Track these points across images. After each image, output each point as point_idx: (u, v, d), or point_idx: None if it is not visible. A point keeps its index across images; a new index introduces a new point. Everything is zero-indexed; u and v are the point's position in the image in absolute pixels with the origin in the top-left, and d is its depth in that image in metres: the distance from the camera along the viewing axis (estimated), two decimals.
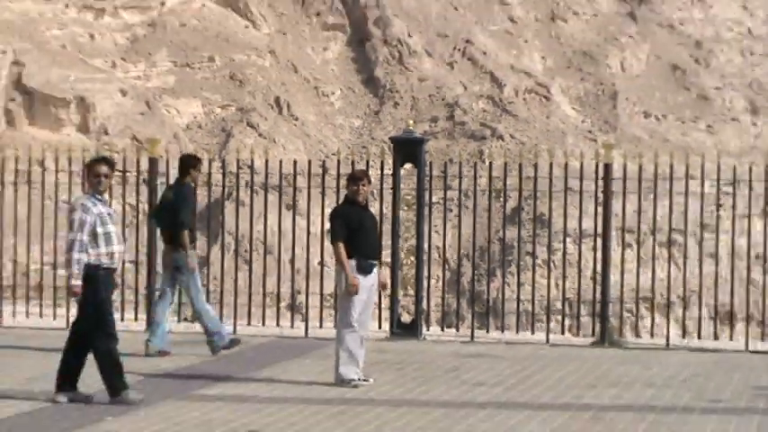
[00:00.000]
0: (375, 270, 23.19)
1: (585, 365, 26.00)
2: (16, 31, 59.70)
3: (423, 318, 30.40)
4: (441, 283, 35.56)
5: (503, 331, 31.05)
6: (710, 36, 65.43)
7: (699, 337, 30.85)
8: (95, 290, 19.61)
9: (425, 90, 56.00)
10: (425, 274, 30.88)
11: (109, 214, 20.20)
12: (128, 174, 32.45)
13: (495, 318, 33.45)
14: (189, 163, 27.85)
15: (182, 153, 32.99)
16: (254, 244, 36.55)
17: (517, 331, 31.02)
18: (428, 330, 30.41)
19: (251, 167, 33.55)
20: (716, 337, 30.38)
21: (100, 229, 19.67)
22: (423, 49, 59.24)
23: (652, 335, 30.73)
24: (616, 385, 22.95)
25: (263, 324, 31.09)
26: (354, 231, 22.87)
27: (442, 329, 31.71)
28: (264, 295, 32.64)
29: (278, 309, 31.87)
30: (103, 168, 20.40)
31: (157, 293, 27.82)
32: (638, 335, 31.78)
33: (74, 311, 21.48)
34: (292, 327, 30.94)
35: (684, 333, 31.24)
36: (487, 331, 30.78)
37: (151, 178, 31.51)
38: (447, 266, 37.62)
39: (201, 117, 56.02)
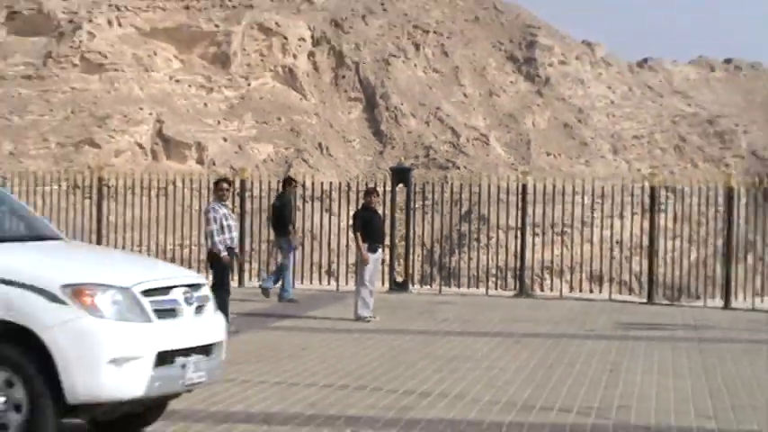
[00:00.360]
0: (380, 250, 26.76)
1: (510, 309, 29.20)
2: (159, 101, 62.52)
3: (410, 279, 34.64)
4: (420, 257, 40.33)
5: (459, 287, 36.31)
6: (588, 105, 68.51)
7: (580, 290, 35.26)
8: (220, 266, 22.65)
9: (411, 138, 60.61)
10: (411, 252, 35.35)
11: (228, 214, 23.23)
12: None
13: (454, 279, 39.56)
14: (288, 182, 31.94)
15: (284, 177, 36.90)
16: (305, 233, 40.72)
17: (468, 287, 36.39)
18: (413, 287, 34.50)
19: (303, 186, 37.94)
20: (590, 291, 34.99)
21: (224, 223, 22.56)
22: (410, 113, 62.65)
23: (551, 290, 36.31)
24: (529, 321, 26.21)
25: (311, 282, 34.63)
26: (367, 225, 26.01)
27: (421, 286, 37.71)
28: (311, 264, 36.75)
29: (320, 273, 36.34)
30: (225, 185, 23.67)
31: (282, 264, 30.02)
32: (542, 290, 39.18)
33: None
34: (329, 284, 35.03)
35: (571, 289, 35.67)
36: (449, 287, 36.13)
37: (242, 192, 34.66)
38: (424, 247, 43.32)
39: (273, 155, 60.15)
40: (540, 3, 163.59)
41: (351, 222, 27.72)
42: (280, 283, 29.16)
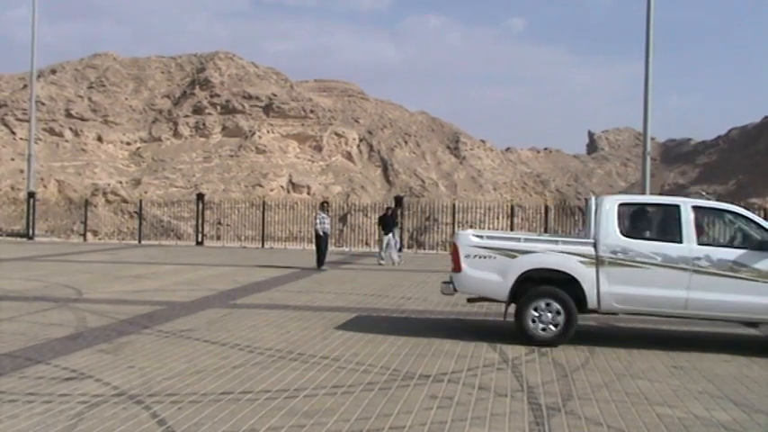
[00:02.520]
0: (391, 235, 23.88)
1: (448, 260, 21.08)
2: (290, 166, 59.04)
3: (404, 246, 30.28)
4: (408, 237, 37.46)
5: (425, 250, 32.18)
6: (483, 169, 63.69)
7: None
8: (320, 240, 21.09)
9: (403, 183, 57.23)
10: (403, 234, 31.42)
11: (325, 217, 21.44)
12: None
13: (424, 247, 33.25)
14: (397, 201, 29.02)
15: (394, 201, 31.17)
16: (357, 225, 40.21)
17: (429, 250, 29.39)
18: (405, 250, 29.02)
19: (355, 205, 41.88)
20: None
21: (323, 220, 21.12)
22: (402, 172, 59.55)
23: None
24: None
25: (356, 247, 29.75)
26: (385, 223, 23.75)
27: (409, 250, 31.94)
28: (358, 240, 36.07)
29: (360, 243, 35.09)
30: (325, 204, 22.20)
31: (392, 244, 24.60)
32: None
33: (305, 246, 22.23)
34: (366, 247, 30.55)
35: None
36: (423, 250, 32.04)
37: (328, 206, 29.07)
38: (410, 232, 41.04)
39: (341, 191, 55.63)
40: (462, 121, 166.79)
41: (378, 220, 25.71)
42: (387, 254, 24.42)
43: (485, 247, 10.44)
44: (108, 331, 10.88)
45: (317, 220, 21.22)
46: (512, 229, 30.47)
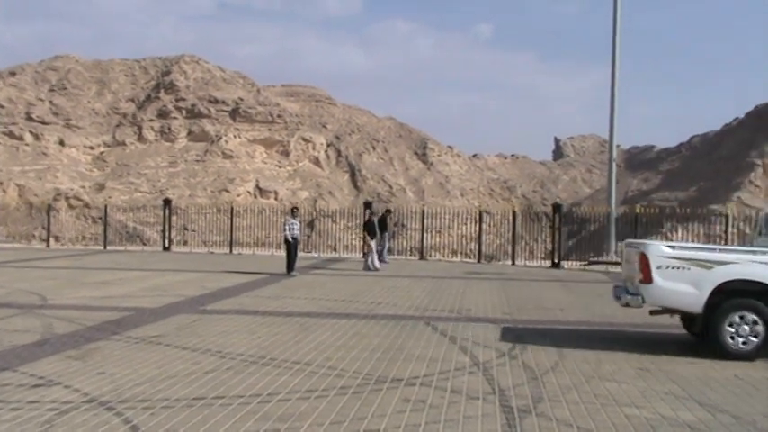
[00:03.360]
0: (375, 240, 24.07)
1: (416, 265, 26.07)
2: (257, 171, 58.09)
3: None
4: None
5: (393, 255, 29.40)
6: (450, 175, 63.65)
7: (449, 257, 30.66)
8: (290, 246, 20.87)
9: (371, 189, 56.52)
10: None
11: (295, 222, 21.16)
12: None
13: (392, 253, 30.62)
14: (384, 212, 28.03)
15: (384, 209, 30.36)
16: (326, 232, 38.87)
17: (397, 255, 28.09)
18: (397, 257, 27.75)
19: (323, 211, 39.65)
20: (453, 257, 30.12)
21: (292, 226, 20.92)
22: (370, 178, 59.02)
23: (434, 256, 31.78)
24: (425, 271, 23.86)
25: (326, 252, 28.63)
26: (370, 229, 24.08)
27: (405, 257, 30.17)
28: (326, 245, 34.11)
29: (328, 248, 32.58)
30: (295, 210, 21.95)
31: (378, 249, 25.07)
32: (431, 257, 31.98)
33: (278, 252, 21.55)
34: (334, 253, 28.36)
35: (443, 256, 32.24)
36: (391, 255, 29.09)
37: (296, 212, 28.14)
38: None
39: (308, 197, 54.49)
40: (429, 127, 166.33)
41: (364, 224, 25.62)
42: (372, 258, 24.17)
43: (678, 258, 10.22)
44: (75, 337, 10.79)
45: (287, 226, 21.16)
46: (480, 235, 30.48)
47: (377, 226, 24.64)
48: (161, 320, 12.52)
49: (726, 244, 26.06)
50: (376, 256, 23.96)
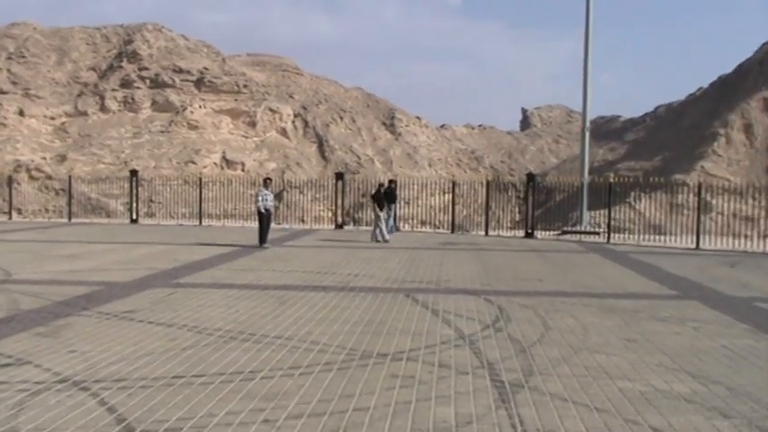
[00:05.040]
0: (385, 209, 23.60)
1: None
2: (223, 143, 57.37)
3: (344, 222, 30.81)
4: (344, 213, 34.93)
5: (363, 226, 26.65)
6: (418, 145, 63.32)
7: (420, 228, 31.41)
8: (262, 217, 20.54)
9: (338, 160, 56.10)
10: (342, 210, 31.41)
11: (268, 193, 20.69)
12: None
13: (361, 224, 31.16)
14: (385, 184, 26.39)
15: (388, 180, 28.47)
16: (294, 203, 38.05)
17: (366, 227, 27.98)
18: (346, 227, 28.47)
19: (292, 182, 38.62)
20: (424, 228, 31.29)
21: (265, 197, 20.44)
22: (338, 149, 58.22)
23: (406, 228, 32.11)
24: (400, 242, 23.41)
25: (294, 224, 29.15)
26: (379, 200, 23.51)
27: (348, 226, 30.88)
28: (295, 216, 34.63)
29: (297, 220, 33.63)
30: (268, 181, 21.31)
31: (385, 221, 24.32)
32: (404, 228, 32.01)
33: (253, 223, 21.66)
34: (302, 225, 28.62)
35: (414, 228, 31.92)
36: (360, 226, 30.63)
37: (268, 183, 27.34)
38: (348, 208, 38.28)
39: (276, 167, 53.74)
40: (397, 98, 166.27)
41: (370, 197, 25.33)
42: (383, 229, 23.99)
43: None
44: (44, 314, 10.37)
45: (259, 197, 20.71)
46: (453, 206, 30.33)
47: (384, 197, 24.25)
48: (133, 295, 12.11)
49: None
50: (384, 227, 23.66)
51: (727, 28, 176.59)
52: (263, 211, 20.59)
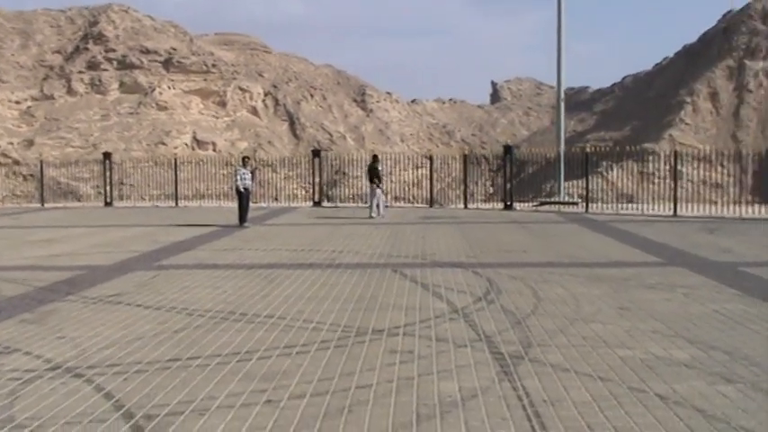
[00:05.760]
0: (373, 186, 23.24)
1: (364, 212, 24.45)
2: (194, 123, 56.85)
3: (321, 199, 29.95)
4: (320, 190, 33.52)
5: (335, 203, 29.95)
6: (390, 121, 63.40)
7: (465, 206, 28.51)
8: (241, 196, 20.17)
9: (310, 138, 55.90)
10: (318, 187, 30.71)
11: (246, 172, 20.34)
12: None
13: (333, 201, 30.70)
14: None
15: (372, 156, 26.54)
16: (268, 182, 36.56)
17: (340, 203, 27.22)
18: (323, 203, 27.69)
19: (262, 160, 36.90)
20: (465, 206, 27.57)
21: (244, 176, 20.10)
22: (309, 126, 57.86)
23: (455, 204, 30.10)
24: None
25: (270, 203, 27.64)
26: (374, 175, 23.13)
27: (326, 202, 29.05)
28: (270, 195, 33.61)
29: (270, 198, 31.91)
30: (246, 160, 21.16)
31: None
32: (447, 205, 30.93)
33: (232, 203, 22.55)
34: (276, 203, 28.04)
35: (465, 205, 28.25)
36: (332, 202, 29.47)
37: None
38: (322, 185, 42.70)
39: (247, 147, 52.79)
40: (367, 74, 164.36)
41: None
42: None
43: None
44: (27, 300, 10.12)
45: (238, 176, 20.42)
46: (432, 180, 30.12)
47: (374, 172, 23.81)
48: (117, 278, 11.85)
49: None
50: (381, 202, 23.37)
51: None
52: (241, 190, 20.34)
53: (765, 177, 33.72)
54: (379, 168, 24.02)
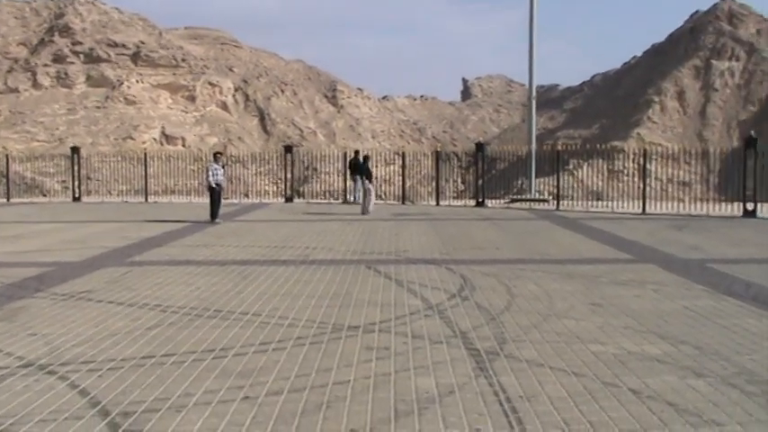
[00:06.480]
0: (359, 182, 24.28)
1: (338, 208, 26.16)
2: (162, 117, 56.61)
3: (293, 195, 30.61)
4: (292, 186, 34.02)
5: (307, 199, 27.43)
6: (360, 117, 63.44)
7: (437, 203, 28.68)
8: (213, 192, 20.21)
9: (281, 133, 56.05)
10: (290, 183, 31.07)
11: (218, 168, 20.34)
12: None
13: (305, 197, 31.37)
14: (362, 156, 27.24)
15: (363, 155, 28.22)
16: (236, 179, 37.17)
17: (313, 199, 27.70)
18: (296, 199, 27.32)
19: (231, 155, 37.59)
20: (437, 203, 28.29)
21: (217, 173, 20.04)
22: (280, 122, 58.15)
23: (425, 201, 30.68)
24: (351, 214, 23.31)
25: (240, 200, 28.95)
26: (367, 172, 24.03)
27: (297, 199, 28.98)
28: (239, 191, 33.90)
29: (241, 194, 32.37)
30: (218, 155, 21.17)
31: (360, 192, 25.65)
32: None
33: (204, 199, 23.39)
34: (247, 199, 28.19)
35: (437, 202, 28.62)
36: (302, 198, 27.49)
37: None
38: (293, 181, 42.01)
39: (217, 142, 53.04)
40: (338, 70, 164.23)
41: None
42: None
43: None
44: None
45: (210, 172, 20.30)
46: (404, 177, 30.01)
47: (362, 169, 24.15)
48: (87, 275, 11.70)
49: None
50: (371, 199, 23.45)
51: None
52: (213, 185, 20.24)
53: (730, 175, 34.42)
54: (370, 167, 24.51)
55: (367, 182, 23.38)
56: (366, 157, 24.74)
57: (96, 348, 7.35)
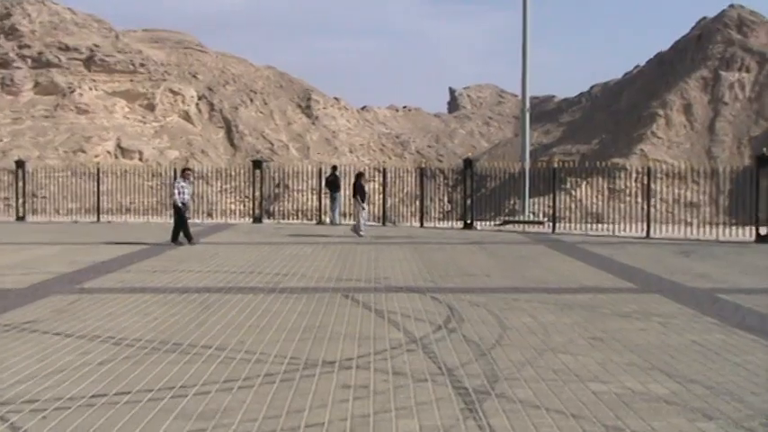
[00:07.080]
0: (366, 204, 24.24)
1: (312, 229, 25.65)
2: (118, 128, 56.88)
3: (262, 215, 30.73)
4: (261, 205, 36.44)
5: (277, 220, 27.10)
6: (337, 129, 64.85)
7: (422, 225, 28.83)
8: (179, 210, 20.20)
9: (248, 147, 56.61)
10: (260, 201, 31.06)
11: (186, 185, 20.55)
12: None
13: (275, 217, 31.06)
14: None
15: (356, 171, 27.02)
16: (200, 196, 36.52)
17: (284, 220, 27.93)
18: (265, 220, 28.70)
19: (195, 171, 39.45)
20: (421, 225, 28.69)
21: (183, 191, 20.23)
22: (248, 134, 58.83)
23: (408, 222, 30.92)
24: (326, 235, 23.69)
25: (203, 219, 27.91)
26: (361, 192, 23.85)
27: (266, 219, 29.61)
28: (203, 210, 34.53)
29: (203, 214, 32.49)
30: (187, 172, 21.22)
31: (336, 210, 28.16)
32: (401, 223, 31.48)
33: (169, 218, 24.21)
34: (209, 220, 27.81)
35: (421, 223, 29.05)
36: (273, 220, 28.16)
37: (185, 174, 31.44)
38: (262, 199, 46.63)
39: (178, 156, 53.56)
40: (313, 77, 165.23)
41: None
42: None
43: None
44: None
45: (176, 190, 20.32)
46: (385, 196, 30.41)
47: (359, 189, 24.43)
48: (31, 303, 11.59)
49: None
50: (363, 220, 23.91)
51: (664, 2, 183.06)
52: (179, 204, 20.22)
53: (742, 197, 34.59)
54: (363, 184, 24.59)
55: (361, 202, 23.63)
56: (359, 174, 24.87)
57: (41, 386, 7.25)
